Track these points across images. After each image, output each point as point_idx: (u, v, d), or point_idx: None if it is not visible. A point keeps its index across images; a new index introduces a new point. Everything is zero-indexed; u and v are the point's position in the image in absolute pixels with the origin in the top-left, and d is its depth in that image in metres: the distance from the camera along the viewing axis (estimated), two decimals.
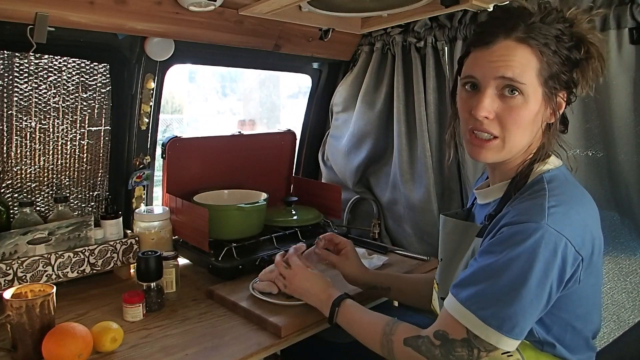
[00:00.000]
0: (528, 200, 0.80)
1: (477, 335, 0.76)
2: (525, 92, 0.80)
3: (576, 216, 0.79)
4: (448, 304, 0.82)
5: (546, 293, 0.76)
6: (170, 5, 1.28)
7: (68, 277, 1.24)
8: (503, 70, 0.79)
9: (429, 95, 1.60)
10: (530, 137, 0.85)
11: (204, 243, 1.35)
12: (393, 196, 1.75)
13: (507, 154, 0.85)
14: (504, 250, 0.76)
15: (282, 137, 1.83)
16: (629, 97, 1.18)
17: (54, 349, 0.91)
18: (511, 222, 0.78)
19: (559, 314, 0.81)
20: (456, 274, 0.91)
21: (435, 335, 0.82)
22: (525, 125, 0.82)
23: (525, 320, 0.76)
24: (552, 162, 0.88)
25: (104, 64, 1.39)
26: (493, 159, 0.86)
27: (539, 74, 0.80)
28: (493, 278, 0.77)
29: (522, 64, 0.79)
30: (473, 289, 0.78)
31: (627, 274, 1.30)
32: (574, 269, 0.78)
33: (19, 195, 1.33)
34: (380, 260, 1.45)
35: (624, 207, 1.26)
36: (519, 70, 0.79)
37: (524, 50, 0.79)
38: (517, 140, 0.83)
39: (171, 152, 1.51)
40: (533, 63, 0.79)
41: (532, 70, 0.79)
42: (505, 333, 0.75)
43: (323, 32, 1.66)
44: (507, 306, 0.75)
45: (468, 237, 0.92)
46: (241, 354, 0.99)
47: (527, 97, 0.80)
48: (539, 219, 0.75)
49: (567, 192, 0.83)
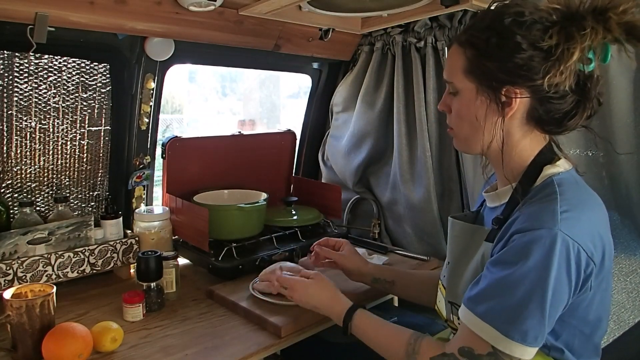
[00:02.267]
0: (538, 205, 0.79)
1: (501, 350, 0.76)
2: (458, 88, 0.88)
3: (588, 222, 0.79)
4: (466, 318, 0.81)
5: (563, 299, 0.76)
6: (170, 5, 1.28)
7: (68, 277, 1.24)
8: (443, 73, 0.92)
9: (429, 95, 1.60)
10: (477, 130, 0.87)
11: (204, 243, 1.35)
12: (393, 196, 1.75)
13: (465, 145, 0.92)
14: (519, 261, 0.75)
15: (282, 137, 1.82)
16: (629, 97, 1.18)
17: (54, 349, 0.91)
18: (522, 229, 0.77)
19: (568, 321, 0.80)
20: (464, 278, 0.90)
21: (460, 352, 0.80)
22: (465, 118, 0.88)
23: (545, 328, 0.76)
24: (562, 165, 0.87)
25: (104, 64, 1.39)
26: (457, 147, 0.97)
27: (466, 70, 0.85)
28: (510, 290, 0.76)
29: (451, 64, 0.88)
30: (491, 303, 0.77)
31: (627, 274, 1.30)
32: (586, 275, 0.77)
33: (19, 195, 1.33)
34: (380, 260, 1.45)
35: (624, 207, 1.26)
36: (449, 71, 0.89)
37: (457, 51, 0.87)
38: (462, 131, 0.90)
39: (171, 152, 1.51)
40: (460, 62, 0.86)
41: (459, 68, 0.86)
42: (530, 344, 0.75)
43: (323, 32, 1.66)
44: (529, 317, 0.74)
45: (476, 240, 0.91)
46: (241, 354, 0.99)
47: (460, 93, 0.88)
48: (551, 224, 0.75)
49: (578, 196, 0.82)
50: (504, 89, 0.82)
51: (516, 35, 0.79)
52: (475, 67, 0.84)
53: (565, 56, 0.76)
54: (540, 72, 0.79)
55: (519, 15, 0.80)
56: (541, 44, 0.78)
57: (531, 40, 0.79)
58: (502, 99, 0.83)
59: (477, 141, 0.89)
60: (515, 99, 0.82)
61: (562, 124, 0.84)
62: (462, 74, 0.86)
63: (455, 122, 0.92)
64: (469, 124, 0.88)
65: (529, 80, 0.80)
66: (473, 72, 0.85)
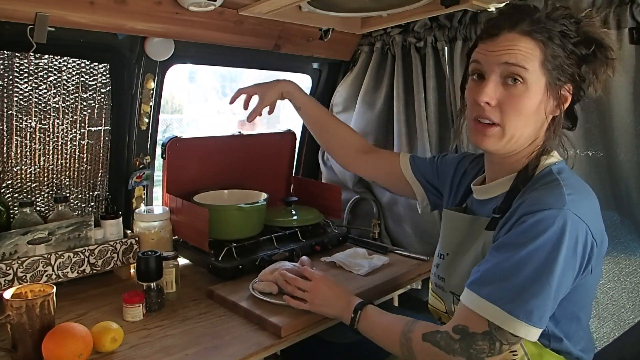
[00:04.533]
0: (543, 190, 0.81)
1: (503, 328, 0.76)
2: (528, 80, 0.82)
3: (591, 205, 0.82)
4: (467, 300, 0.81)
5: (568, 280, 0.77)
6: (170, 5, 1.28)
7: (68, 277, 1.24)
8: (506, 57, 0.82)
9: (429, 95, 1.60)
10: (532, 128, 0.85)
11: (204, 243, 1.35)
12: (393, 196, 1.75)
13: (507, 143, 0.86)
14: (528, 241, 0.76)
15: (282, 137, 1.82)
16: (629, 97, 1.18)
17: (54, 349, 0.91)
18: (531, 210, 0.78)
19: (567, 305, 0.81)
20: (464, 268, 0.91)
21: (454, 330, 0.81)
22: (526, 114, 0.83)
23: (549, 309, 0.76)
24: (556, 155, 0.90)
25: (104, 64, 1.39)
26: (494, 147, 0.87)
27: (542, 64, 0.82)
28: (517, 270, 0.76)
29: (525, 52, 0.81)
30: (497, 284, 0.78)
31: (627, 274, 1.30)
32: (589, 256, 0.78)
33: (19, 195, 1.33)
34: (380, 260, 1.45)
35: (624, 207, 1.26)
36: (522, 57, 0.81)
37: (527, 41, 0.82)
38: (516, 128, 0.84)
39: (171, 152, 1.51)
40: (536, 53, 0.81)
41: (536, 59, 0.81)
42: (534, 324, 0.75)
43: (323, 32, 1.66)
44: (535, 296, 0.75)
45: (474, 230, 0.92)
46: (241, 354, 0.99)
47: (529, 86, 0.82)
48: (560, 204, 0.76)
49: (578, 182, 0.85)
50: (567, 85, 0.85)
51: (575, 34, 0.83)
52: (552, 61, 0.82)
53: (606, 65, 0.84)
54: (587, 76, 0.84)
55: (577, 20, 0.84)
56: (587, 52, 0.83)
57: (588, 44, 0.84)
58: (560, 96, 0.85)
59: (522, 138, 0.86)
60: (570, 95, 0.86)
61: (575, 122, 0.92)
62: (539, 66, 0.82)
63: (509, 117, 0.84)
64: (526, 120, 0.84)
65: (583, 81, 0.85)
66: (548, 66, 0.82)
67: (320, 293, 1.08)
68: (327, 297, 1.07)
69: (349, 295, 1.07)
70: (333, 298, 1.06)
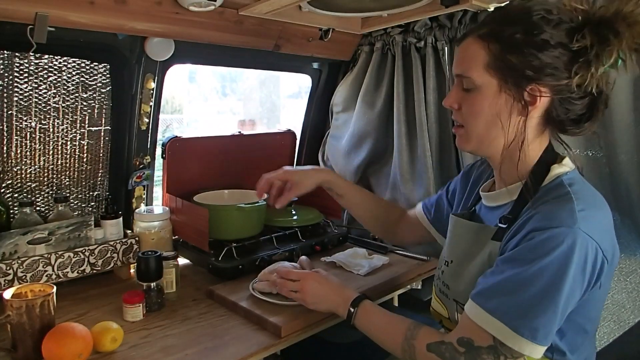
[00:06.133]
0: (554, 204, 0.79)
1: (507, 345, 0.75)
2: (477, 83, 0.84)
3: (603, 220, 0.80)
4: (472, 312, 0.80)
5: (576, 297, 0.76)
6: (170, 5, 1.28)
7: (68, 277, 1.24)
8: (455, 68, 0.88)
9: (429, 95, 1.60)
10: (494, 128, 0.85)
11: (204, 243, 1.35)
12: (393, 196, 1.75)
13: (480, 144, 0.88)
14: (536, 259, 0.74)
15: (282, 137, 1.82)
16: (629, 97, 1.18)
17: (54, 349, 0.91)
18: (541, 227, 0.76)
19: (575, 319, 0.80)
20: (468, 276, 0.90)
21: (459, 342, 0.80)
22: (484, 116, 0.85)
23: (556, 326, 0.75)
24: (568, 164, 0.87)
25: (104, 64, 1.39)
26: (464, 147, 0.91)
27: (488, 65, 0.82)
28: (524, 287, 0.75)
29: (469, 59, 0.84)
30: (502, 299, 0.77)
31: (627, 274, 1.30)
32: (599, 273, 0.77)
33: (19, 195, 1.33)
34: (380, 260, 1.44)
35: (624, 207, 1.26)
36: (466, 65, 0.85)
37: (476, 45, 0.84)
38: (477, 129, 0.86)
39: (171, 152, 1.51)
40: (481, 56, 0.83)
41: (479, 62, 0.83)
42: (539, 342, 0.74)
43: (323, 32, 1.66)
44: (540, 315, 0.74)
45: (481, 239, 0.90)
46: (241, 354, 0.99)
47: (479, 89, 0.84)
48: (570, 223, 0.74)
49: (590, 196, 0.83)
50: (529, 86, 0.81)
51: (545, 32, 0.78)
52: (499, 62, 0.81)
53: (601, 58, 0.77)
54: (567, 71, 0.79)
55: (547, 13, 0.79)
56: (572, 44, 0.78)
57: (559, 39, 0.79)
58: (526, 97, 0.82)
59: (491, 140, 0.86)
60: (540, 97, 0.81)
61: (580, 124, 0.85)
62: (483, 69, 0.83)
63: (468, 120, 0.87)
64: (485, 122, 0.85)
65: (555, 79, 0.80)
66: (497, 67, 0.82)
67: (311, 290, 1.07)
68: (318, 294, 1.06)
69: (343, 288, 1.05)
70: (325, 293, 1.06)
